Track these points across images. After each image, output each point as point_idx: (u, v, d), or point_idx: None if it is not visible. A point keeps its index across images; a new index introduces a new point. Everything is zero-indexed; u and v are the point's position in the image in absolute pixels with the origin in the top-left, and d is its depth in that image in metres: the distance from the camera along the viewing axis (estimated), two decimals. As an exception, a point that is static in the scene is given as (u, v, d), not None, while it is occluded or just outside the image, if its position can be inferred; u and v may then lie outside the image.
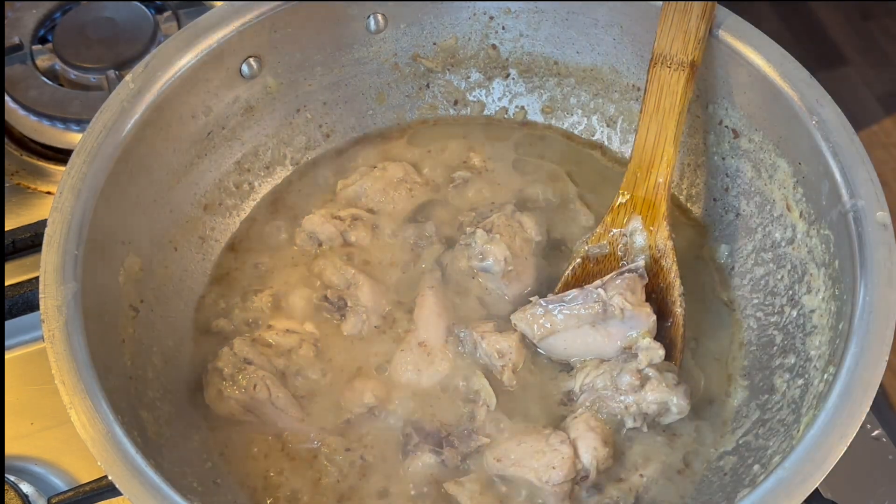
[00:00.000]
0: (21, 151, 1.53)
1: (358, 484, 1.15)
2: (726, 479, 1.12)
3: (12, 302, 1.23)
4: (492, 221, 1.29)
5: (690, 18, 1.21)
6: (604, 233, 1.25)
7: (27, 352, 1.33)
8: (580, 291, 1.20)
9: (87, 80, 1.58)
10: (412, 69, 1.43)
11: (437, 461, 1.14)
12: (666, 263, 1.22)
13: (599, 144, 1.43)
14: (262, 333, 1.23)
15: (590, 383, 1.17)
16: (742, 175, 1.29)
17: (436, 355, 1.21)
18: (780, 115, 1.21)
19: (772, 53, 1.21)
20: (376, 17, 1.37)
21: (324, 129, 1.42)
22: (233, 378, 1.18)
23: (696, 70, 1.22)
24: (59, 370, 1.01)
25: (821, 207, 1.17)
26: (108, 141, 1.16)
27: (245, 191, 1.37)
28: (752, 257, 1.27)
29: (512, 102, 1.45)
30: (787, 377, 1.15)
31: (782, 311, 1.21)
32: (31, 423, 1.27)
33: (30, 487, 1.22)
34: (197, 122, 1.28)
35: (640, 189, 1.24)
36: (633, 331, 1.18)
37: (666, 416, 1.16)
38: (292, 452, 1.17)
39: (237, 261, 1.32)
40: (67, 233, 1.09)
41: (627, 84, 1.38)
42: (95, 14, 1.62)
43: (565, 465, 1.10)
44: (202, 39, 1.25)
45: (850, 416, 0.98)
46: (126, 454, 0.97)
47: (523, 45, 1.41)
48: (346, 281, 1.26)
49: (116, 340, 1.14)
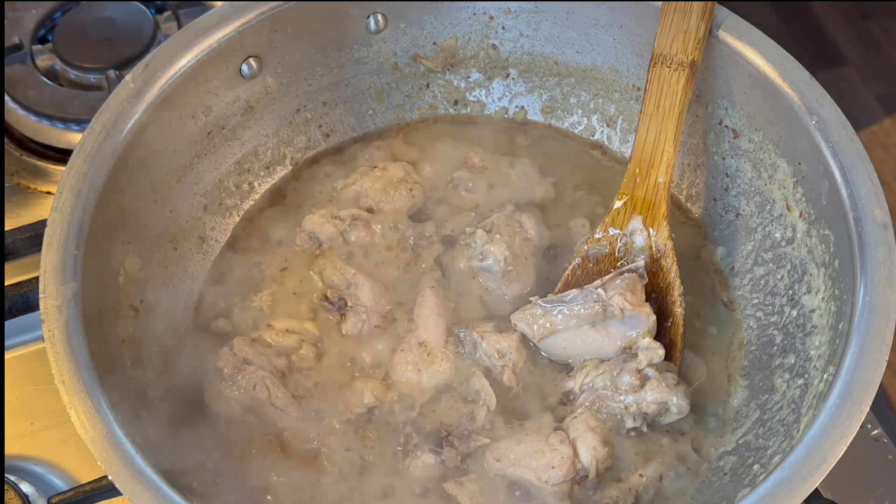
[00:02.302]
0: (21, 151, 1.53)
1: (358, 484, 1.14)
2: (726, 479, 1.12)
3: (12, 302, 1.23)
4: (492, 221, 1.29)
5: (690, 18, 1.21)
6: (604, 233, 1.25)
7: (27, 352, 1.33)
8: (580, 291, 1.20)
9: (87, 80, 1.58)
10: (412, 69, 1.43)
11: (437, 461, 1.14)
12: (666, 263, 1.22)
13: (599, 144, 1.43)
14: (262, 333, 1.23)
15: (590, 383, 1.17)
16: (742, 175, 1.29)
17: (436, 355, 1.21)
18: (780, 115, 1.21)
19: (772, 53, 1.21)
20: (376, 17, 1.37)
21: (324, 129, 1.42)
22: (233, 378, 1.18)
23: (696, 70, 1.22)
24: (59, 370, 1.01)
25: (821, 207, 1.17)
26: (108, 141, 1.16)
27: (245, 191, 1.37)
28: (752, 257, 1.27)
29: (512, 102, 1.45)
30: (787, 377, 1.15)
31: (782, 311, 1.21)
32: (31, 423, 1.27)
33: (30, 487, 1.21)
34: (197, 122, 1.28)
35: (640, 189, 1.24)
36: (632, 331, 1.18)
37: (666, 416, 1.16)
38: (292, 452, 1.17)
39: (237, 261, 1.32)
40: (67, 233, 1.09)
41: (627, 84, 1.38)
42: (95, 14, 1.62)
43: (565, 464, 1.10)
44: (202, 39, 1.25)
45: (849, 416, 0.98)
46: (126, 454, 0.97)
47: (523, 45, 1.41)
48: (346, 281, 1.26)
49: (116, 340, 1.14)
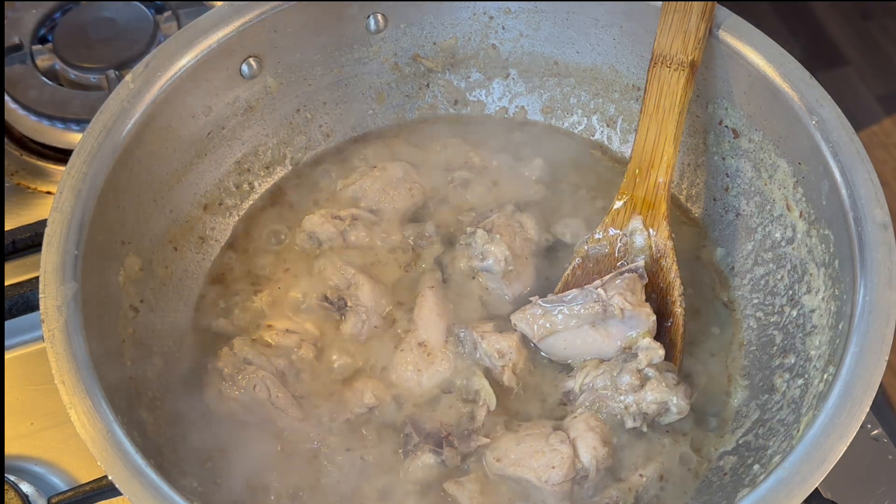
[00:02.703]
0: (21, 151, 1.53)
1: (358, 484, 1.14)
2: (726, 479, 1.12)
3: (12, 302, 1.23)
4: (492, 221, 1.29)
5: (690, 18, 1.21)
6: (604, 233, 1.25)
7: (27, 352, 1.33)
8: (580, 291, 1.20)
9: (87, 80, 1.58)
10: (412, 69, 1.43)
11: (437, 461, 1.14)
12: (666, 263, 1.22)
13: (599, 144, 1.43)
14: (262, 333, 1.23)
15: (590, 383, 1.17)
16: (742, 175, 1.29)
17: (436, 355, 1.21)
18: (780, 115, 1.20)
19: (772, 53, 1.21)
20: (376, 16, 1.37)
21: (324, 129, 1.42)
22: (233, 378, 1.18)
23: (696, 70, 1.22)
24: (59, 370, 1.01)
25: (821, 207, 1.16)
26: (108, 141, 1.16)
27: (245, 191, 1.37)
28: (752, 257, 1.27)
29: (512, 102, 1.45)
30: (787, 377, 1.15)
31: (782, 311, 1.21)
32: (31, 423, 1.27)
33: (30, 487, 1.21)
34: (197, 122, 1.28)
35: (640, 189, 1.24)
36: (632, 331, 1.18)
37: (666, 416, 1.16)
38: (292, 452, 1.17)
39: (237, 261, 1.32)
40: (67, 233, 1.09)
41: (627, 84, 1.38)
42: (95, 14, 1.62)
43: (565, 464, 1.10)
44: (202, 39, 1.25)
45: (850, 416, 0.98)
46: (126, 454, 0.97)
47: (523, 45, 1.41)
48: (346, 281, 1.26)
49: (116, 340, 1.14)
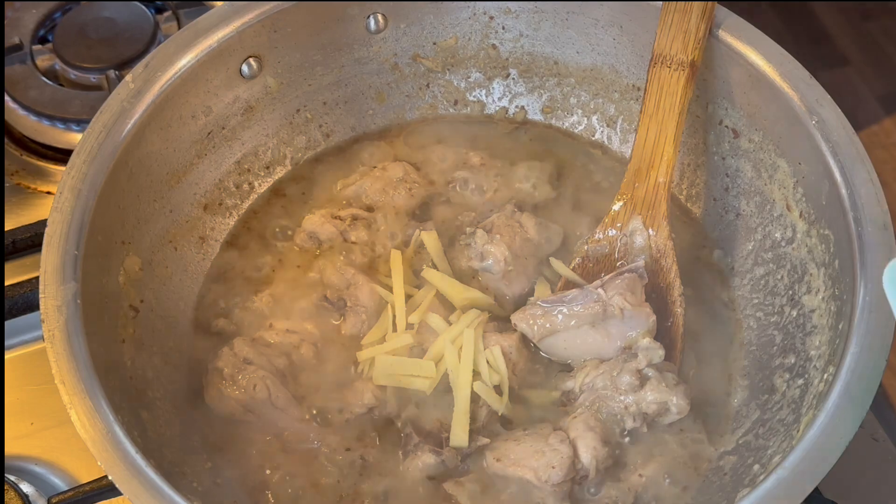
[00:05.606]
0: (21, 151, 1.53)
1: (358, 484, 1.14)
2: (726, 479, 1.12)
3: (12, 302, 1.23)
4: (491, 221, 1.29)
5: (690, 18, 1.21)
6: (604, 233, 1.25)
7: (27, 352, 1.33)
8: (580, 291, 1.20)
9: (87, 80, 1.58)
10: (412, 69, 1.43)
11: (437, 461, 1.14)
12: (666, 263, 1.22)
13: (599, 144, 1.43)
14: (262, 333, 1.23)
15: (590, 383, 1.17)
16: (742, 175, 1.29)
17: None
18: (780, 115, 1.20)
19: (772, 53, 1.21)
20: (376, 17, 1.37)
21: (324, 129, 1.42)
22: (233, 378, 1.18)
23: (696, 70, 1.22)
24: (59, 370, 1.01)
25: (821, 207, 1.16)
26: (108, 141, 1.16)
27: (245, 190, 1.37)
28: (752, 257, 1.27)
29: (512, 102, 1.45)
30: (787, 377, 1.15)
31: (782, 311, 1.21)
32: (31, 423, 1.27)
33: (30, 487, 1.21)
34: (197, 122, 1.28)
35: (640, 189, 1.24)
36: (632, 331, 1.18)
37: (666, 416, 1.16)
38: (292, 452, 1.17)
39: (237, 260, 1.32)
40: (67, 233, 1.09)
41: (627, 84, 1.37)
42: (95, 14, 1.62)
43: (565, 464, 1.10)
44: (202, 39, 1.25)
45: (850, 416, 0.98)
46: (126, 454, 0.97)
47: (523, 45, 1.41)
48: (346, 281, 1.26)
49: (116, 340, 1.14)
